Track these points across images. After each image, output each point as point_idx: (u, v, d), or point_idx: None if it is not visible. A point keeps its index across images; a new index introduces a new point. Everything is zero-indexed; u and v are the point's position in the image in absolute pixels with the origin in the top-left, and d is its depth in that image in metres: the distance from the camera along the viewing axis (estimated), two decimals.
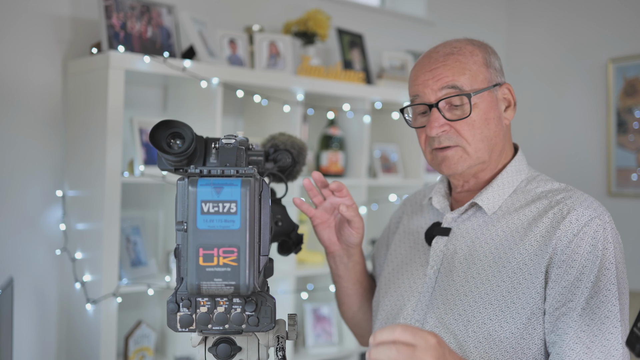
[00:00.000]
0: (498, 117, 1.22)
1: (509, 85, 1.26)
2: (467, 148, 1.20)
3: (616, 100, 3.37)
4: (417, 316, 1.24)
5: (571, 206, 1.15)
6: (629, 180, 3.32)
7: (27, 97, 2.29)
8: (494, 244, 1.19)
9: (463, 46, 1.23)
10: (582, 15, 3.57)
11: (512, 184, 1.24)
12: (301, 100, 2.56)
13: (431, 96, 1.20)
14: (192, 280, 0.81)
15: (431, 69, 1.21)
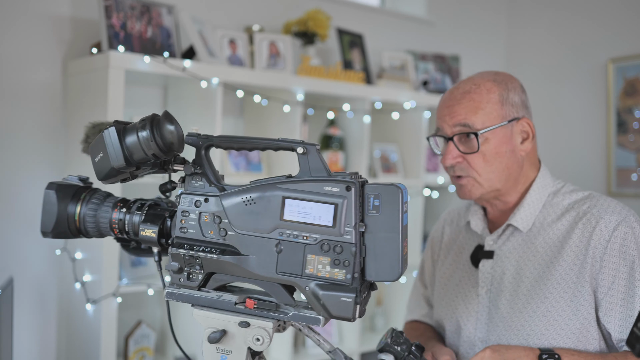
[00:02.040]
0: (511, 150, 1.33)
1: (527, 119, 1.36)
2: (478, 179, 1.32)
3: (616, 100, 3.37)
4: (479, 334, 1.36)
5: (598, 215, 1.27)
6: (629, 180, 3.32)
7: (27, 97, 2.29)
8: (537, 260, 1.31)
9: (483, 83, 1.34)
10: (582, 16, 3.57)
11: (540, 200, 1.35)
12: (301, 100, 2.56)
13: (448, 130, 1.34)
14: (398, 270, 0.93)
15: (448, 106, 1.34)
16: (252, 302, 0.98)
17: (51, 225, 1.04)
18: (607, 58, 3.42)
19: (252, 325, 0.97)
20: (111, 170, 0.96)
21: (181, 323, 2.47)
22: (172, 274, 1.01)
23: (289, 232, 0.95)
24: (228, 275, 0.99)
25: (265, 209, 0.95)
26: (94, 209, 1.05)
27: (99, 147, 0.97)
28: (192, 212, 0.98)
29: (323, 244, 0.94)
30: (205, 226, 0.98)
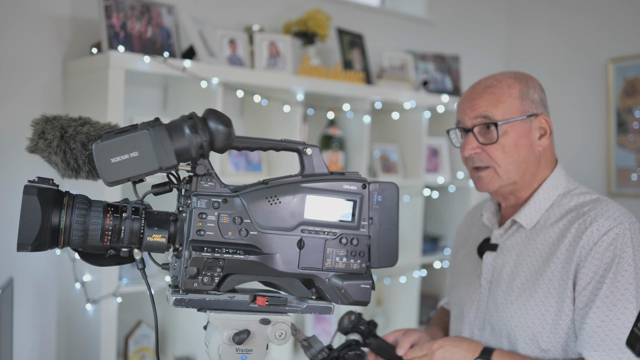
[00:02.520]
0: (529, 144, 1.39)
1: (545, 116, 1.42)
2: (497, 170, 1.37)
3: (616, 100, 3.37)
4: (478, 323, 1.45)
5: (594, 217, 1.31)
6: (629, 180, 3.32)
7: (27, 97, 2.29)
8: (535, 257, 1.36)
9: (504, 79, 1.41)
10: (582, 15, 3.57)
11: (548, 199, 1.40)
12: (301, 100, 2.56)
13: (468, 122, 1.40)
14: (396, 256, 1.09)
15: (470, 99, 1.41)
16: (263, 300, 1.01)
17: (33, 237, 0.97)
18: (607, 58, 3.42)
19: (272, 322, 1.00)
20: (144, 172, 0.91)
21: (180, 323, 2.47)
22: (187, 279, 0.97)
23: (311, 228, 1.02)
24: (246, 275, 1.00)
25: (289, 207, 1.01)
26: (82, 215, 0.95)
27: (127, 145, 0.90)
28: (210, 214, 0.97)
29: (341, 238, 1.03)
30: (224, 227, 0.97)
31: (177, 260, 1.00)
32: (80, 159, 1.00)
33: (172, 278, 1.02)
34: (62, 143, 0.99)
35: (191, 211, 0.96)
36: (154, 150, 0.90)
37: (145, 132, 0.90)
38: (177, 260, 1.01)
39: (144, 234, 0.96)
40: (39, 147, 1.01)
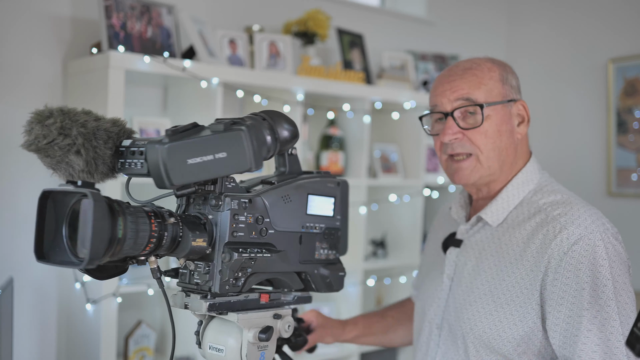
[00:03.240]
0: (510, 130, 1.30)
1: (523, 102, 1.33)
2: (480, 156, 1.28)
3: (616, 100, 3.37)
4: (437, 321, 1.37)
5: (564, 224, 1.20)
6: (629, 180, 3.32)
7: (27, 97, 2.29)
8: (498, 257, 1.27)
9: (482, 63, 1.32)
10: (582, 15, 3.57)
11: (518, 196, 1.30)
12: (301, 100, 2.56)
13: (447, 106, 1.29)
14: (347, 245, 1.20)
15: (449, 81, 1.31)
16: (267, 296, 1.04)
17: (103, 250, 0.82)
18: (607, 58, 3.42)
19: (282, 316, 1.04)
20: (228, 174, 0.89)
21: (180, 323, 2.47)
22: (221, 282, 0.95)
23: (309, 224, 1.08)
24: (263, 274, 1.02)
25: (296, 205, 1.06)
26: (134, 222, 0.87)
27: (214, 146, 0.88)
28: (240, 215, 0.97)
29: (325, 232, 1.11)
30: (250, 227, 0.98)
31: (199, 264, 0.97)
32: (101, 158, 0.91)
33: (194, 283, 0.97)
34: (86, 142, 0.89)
35: (226, 212, 0.95)
36: (248, 152, 0.89)
37: (240, 132, 0.89)
38: (198, 264, 0.97)
39: (183, 238, 0.92)
40: (57, 144, 0.87)
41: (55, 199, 0.86)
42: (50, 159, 0.88)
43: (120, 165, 0.92)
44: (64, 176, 0.91)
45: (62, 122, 0.88)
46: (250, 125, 0.91)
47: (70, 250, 0.85)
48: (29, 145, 0.88)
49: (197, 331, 1.04)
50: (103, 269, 0.91)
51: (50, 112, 0.90)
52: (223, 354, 1.00)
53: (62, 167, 0.89)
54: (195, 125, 0.90)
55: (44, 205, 0.86)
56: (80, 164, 0.88)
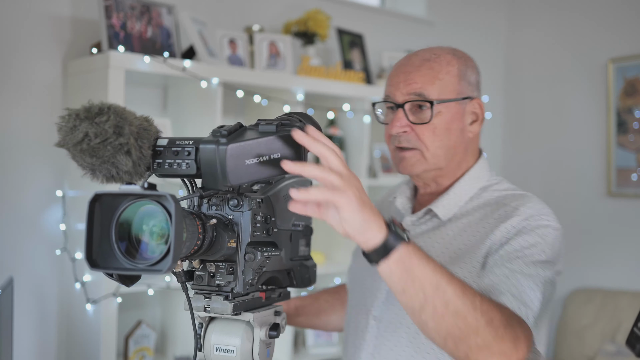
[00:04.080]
0: (461, 128, 1.27)
1: (480, 100, 1.30)
2: (425, 153, 1.25)
3: (616, 100, 3.37)
4: (375, 312, 1.30)
5: (516, 207, 1.20)
6: (629, 180, 3.32)
7: (27, 97, 2.29)
8: (444, 243, 1.25)
9: (442, 55, 1.29)
10: (582, 16, 3.57)
11: (468, 192, 1.29)
12: (301, 100, 2.56)
13: (399, 98, 1.26)
14: None
15: (405, 72, 1.27)
16: (263, 294, 1.05)
17: (181, 253, 0.84)
18: (607, 58, 3.42)
19: (280, 312, 1.06)
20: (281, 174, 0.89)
21: (180, 323, 2.47)
22: (244, 282, 0.95)
23: (296, 222, 1.08)
24: (268, 272, 1.04)
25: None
26: (191, 225, 0.85)
27: (270, 146, 0.87)
28: (257, 214, 0.97)
29: (304, 229, 1.12)
30: (262, 227, 0.99)
31: (222, 265, 0.95)
32: (145, 159, 0.87)
33: (216, 285, 0.96)
34: (136, 141, 0.85)
35: (247, 212, 0.94)
36: (299, 152, 0.89)
37: (290, 133, 0.89)
38: (220, 265, 0.95)
39: (217, 239, 0.91)
40: (111, 143, 0.83)
41: (102, 202, 0.82)
42: (96, 159, 0.84)
43: (156, 165, 0.89)
44: (103, 178, 0.87)
45: (116, 120, 0.83)
46: (300, 126, 0.91)
47: (124, 255, 0.81)
48: (76, 143, 0.83)
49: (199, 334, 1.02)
50: (131, 276, 0.89)
51: (100, 108, 0.85)
52: (234, 354, 0.98)
53: (106, 167, 0.85)
54: (241, 126, 0.90)
55: (93, 209, 0.81)
56: (128, 165, 0.85)
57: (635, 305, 3.08)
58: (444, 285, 0.96)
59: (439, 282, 0.96)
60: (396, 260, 0.94)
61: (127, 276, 0.87)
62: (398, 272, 0.95)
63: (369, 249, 0.94)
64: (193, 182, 0.95)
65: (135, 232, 0.83)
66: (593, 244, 3.44)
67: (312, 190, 0.89)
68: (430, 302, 0.96)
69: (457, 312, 0.96)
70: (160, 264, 0.79)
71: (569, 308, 3.34)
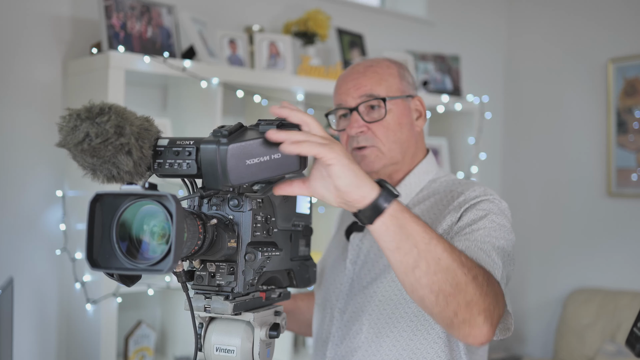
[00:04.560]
0: (410, 123, 1.39)
1: (420, 98, 1.43)
2: (382, 148, 1.35)
3: (616, 100, 3.37)
4: (339, 305, 1.38)
5: (463, 190, 1.31)
6: (629, 180, 3.32)
7: (27, 97, 2.29)
8: None
9: (381, 61, 1.41)
10: (582, 16, 3.57)
11: (419, 183, 1.39)
12: (301, 100, 2.56)
13: (352, 102, 1.36)
14: None
15: (352, 79, 1.38)
16: (263, 294, 1.05)
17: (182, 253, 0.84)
18: (607, 58, 3.42)
19: (280, 312, 1.06)
20: (280, 175, 0.89)
21: (180, 323, 2.47)
22: (244, 282, 0.95)
23: (296, 222, 1.08)
24: (269, 272, 1.04)
25: (291, 203, 1.08)
26: (192, 225, 0.85)
27: (270, 147, 0.88)
28: (257, 214, 0.97)
29: (304, 230, 1.13)
30: (263, 227, 0.99)
31: (222, 265, 0.95)
32: (146, 159, 0.87)
33: (216, 284, 0.96)
34: (137, 141, 0.85)
35: (247, 212, 0.94)
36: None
37: None
38: (220, 265, 0.95)
39: (218, 239, 0.91)
40: (112, 143, 0.83)
41: (103, 202, 0.82)
42: (97, 159, 0.84)
43: (157, 165, 0.89)
44: (103, 178, 0.86)
45: (117, 120, 0.83)
46: (299, 126, 0.92)
47: (125, 255, 0.81)
48: (77, 143, 0.83)
49: (199, 334, 1.02)
50: (132, 276, 0.88)
51: (101, 108, 0.84)
52: (234, 354, 0.98)
53: (106, 167, 0.85)
54: (242, 126, 0.90)
55: (94, 209, 0.81)
56: (129, 165, 0.84)
57: (635, 305, 3.09)
58: (434, 242, 1.00)
59: (431, 238, 0.99)
60: (390, 216, 0.97)
61: (128, 276, 0.87)
62: (392, 228, 0.97)
63: (364, 205, 0.96)
64: (193, 182, 0.95)
65: (136, 232, 0.83)
66: (593, 244, 3.44)
67: (297, 135, 0.90)
68: (424, 258, 0.98)
69: (447, 268, 0.99)
70: (161, 264, 0.79)
71: (569, 308, 3.34)
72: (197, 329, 0.98)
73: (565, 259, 3.53)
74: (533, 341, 3.66)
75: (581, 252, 3.47)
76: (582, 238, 3.47)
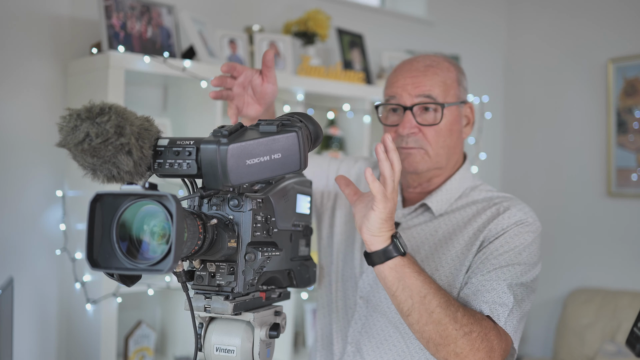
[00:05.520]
0: (459, 130, 1.38)
1: (471, 104, 1.41)
2: (430, 152, 1.33)
3: (616, 100, 3.37)
4: (361, 293, 1.36)
5: (507, 207, 1.29)
6: (629, 180, 3.32)
7: (27, 97, 2.28)
8: (437, 236, 1.32)
9: (441, 62, 1.37)
10: (582, 16, 3.57)
11: (457, 190, 1.37)
12: (301, 100, 2.56)
13: (407, 100, 1.33)
14: None
15: (412, 76, 1.34)
16: (263, 294, 1.05)
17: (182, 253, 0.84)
18: (607, 58, 3.42)
19: (280, 312, 1.07)
20: (281, 175, 0.89)
21: (180, 323, 2.47)
22: (244, 282, 0.95)
23: (296, 222, 1.09)
24: (269, 272, 1.04)
25: (290, 203, 1.08)
26: (192, 224, 0.85)
27: (271, 147, 0.88)
28: (257, 214, 0.96)
29: (304, 230, 1.15)
30: (263, 227, 0.99)
31: (222, 265, 0.95)
32: (146, 159, 0.87)
33: (216, 284, 0.96)
34: (137, 141, 0.85)
35: (248, 212, 0.94)
36: (301, 152, 0.90)
37: (295, 133, 0.89)
38: (220, 265, 0.95)
39: (218, 239, 0.91)
40: (112, 143, 0.83)
41: (103, 202, 0.81)
42: (97, 159, 0.84)
43: (157, 165, 0.89)
44: (104, 178, 0.86)
45: (117, 120, 0.82)
46: (300, 126, 0.91)
47: (125, 255, 0.81)
48: (77, 143, 0.83)
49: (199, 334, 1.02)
50: (132, 276, 0.88)
51: (102, 108, 0.83)
52: (234, 354, 0.98)
53: (107, 167, 0.85)
54: (242, 126, 0.90)
55: (94, 209, 0.81)
56: (129, 165, 0.84)
57: (635, 305, 3.09)
58: (430, 296, 1.10)
59: (427, 293, 1.10)
60: (390, 267, 1.10)
61: (128, 276, 0.87)
62: (391, 278, 1.11)
63: (371, 250, 1.11)
64: (194, 182, 0.95)
65: (136, 232, 0.83)
66: (593, 244, 3.44)
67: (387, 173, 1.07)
68: (417, 309, 1.10)
69: (439, 322, 1.09)
70: (161, 264, 0.79)
71: (569, 308, 3.34)
72: (197, 329, 0.98)
73: (565, 259, 3.53)
74: (533, 341, 3.66)
75: (581, 252, 3.47)
76: (582, 238, 3.47)
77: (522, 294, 1.19)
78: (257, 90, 1.32)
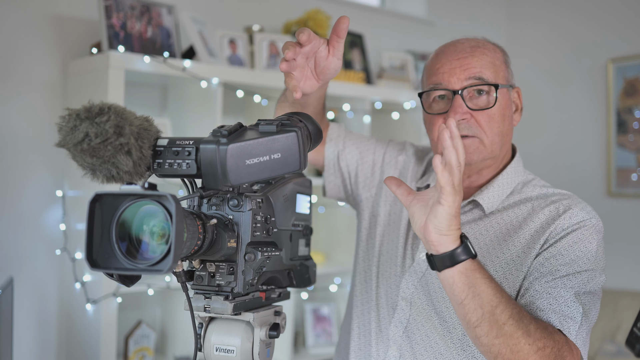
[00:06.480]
0: (510, 116, 1.25)
1: (519, 89, 1.29)
2: (485, 140, 1.20)
3: (616, 100, 3.37)
4: (404, 293, 1.27)
5: (567, 206, 1.19)
6: (629, 180, 3.32)
7: (27, 97, 2.29)
8: (488, 236, 1.22)
9: (486, 43, 1.28)
10: (582, 15, 3.57)
11: (510, 185, 1.26)
12: None
13: (456, 84, 1.21)
14: None
15: (458, 58, 1.23)
16: (263, 294, 1.05)
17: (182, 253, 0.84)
18: (607, 58, 3.42)
19: (280, 312, 1.06)
20: (280, 175, 0.89)
21: (180, 323, 2.47)
22: (244, 282, 0.94)
23: (296, 222, 1.08)
24: (268, 272, 1.03)
25: (290, 203, 1.07)
26: (192, 225, 0.84)
27: (270, 147, 0.87)
28: (257, 214, 0.96)
29: (304, 229, 1.13)
30: (262, 227, 0.98)
31: (222, 265, 0.95)
32: (145, 159, 0.87)
33: (216, 285, 0.96)
34: (136, 141, 0.84)
35: (247, 212, 0.94)
36: (301, 152, 0.89)
37: (295, 133, 0.88)
38: (220, 265, 0.95)
39: (217, 239, 0.90)
40: (111, 143, 0.82)
41: (103, 202, 0.81)
42: (96, 159, 0.83)
43: (157, 165, 0.89)
44: (103, 178, 0.86)
45: (117, 120, 0.82)
46: (300, 126, 0.91)
47: (125, 255, 0.81)
48: (76, 143, 0.82)
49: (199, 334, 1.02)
50: (131, 276, 0.87)
51: (101, 108, 0.83)
52: (234, 354, 0.98)
53: (106, 167, 0.84)
54: (242, 126, 0.90)
55: (93, 209, 0.80)
56: (129, 165, 0.84)
57: (635, 305, 3.08)
58: (502, 306, 0.99)
59: (499, 303, 0.99)
60: (461, 272, 0.99)
61: (128, 276, 0.86)
62: (460, 284, 0.99)
63: (437, 251, 0.99)
64: (193, 182, 0.95)
65: (136, 232, 0.82)
66: None
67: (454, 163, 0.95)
68: (487, 320, 0.99)
69: (511, 335, 0.99)
70: (161, 264, 0.79)
71: None
72: (197, 329, 0.98)
73: None
74: None
75: None
76: None
77: (589, 303, 1.11)
78: (320, 63, 1.13)
